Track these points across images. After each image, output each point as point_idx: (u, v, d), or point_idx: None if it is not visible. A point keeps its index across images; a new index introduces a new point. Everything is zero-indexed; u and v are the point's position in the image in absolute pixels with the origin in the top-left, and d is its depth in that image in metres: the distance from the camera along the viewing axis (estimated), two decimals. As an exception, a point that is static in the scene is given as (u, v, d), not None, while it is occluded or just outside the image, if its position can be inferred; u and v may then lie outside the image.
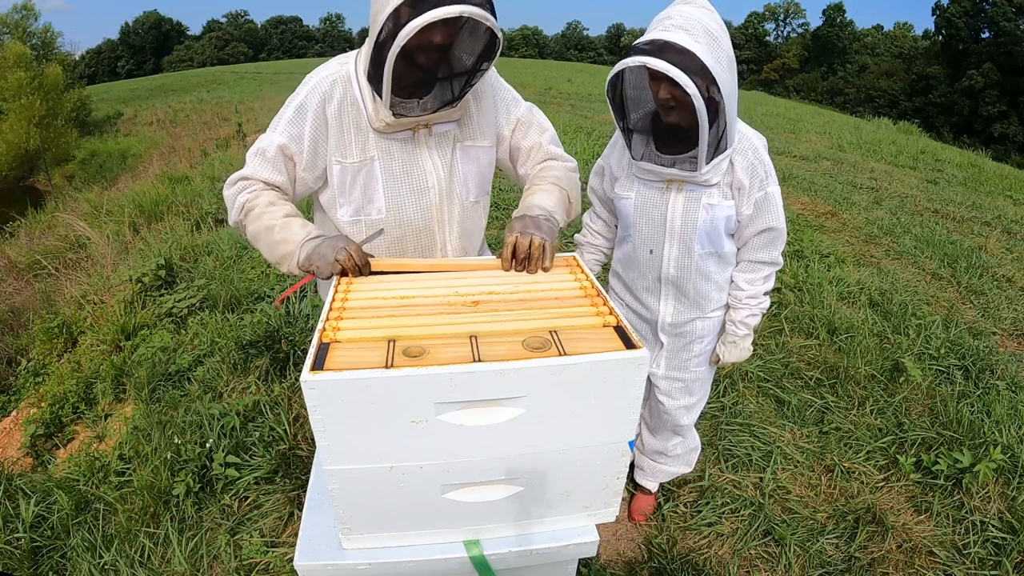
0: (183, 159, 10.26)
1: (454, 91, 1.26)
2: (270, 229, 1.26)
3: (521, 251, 1.22)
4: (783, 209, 1.51)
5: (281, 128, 1.31)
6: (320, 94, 1.28)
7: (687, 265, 1.56)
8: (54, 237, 6.53)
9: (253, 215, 1.29)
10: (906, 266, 4.36)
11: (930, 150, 10.81)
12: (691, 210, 1.48)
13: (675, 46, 1.22)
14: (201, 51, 72.48)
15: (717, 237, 1.50)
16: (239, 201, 1.31)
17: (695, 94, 1.21)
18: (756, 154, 1.44)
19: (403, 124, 1.27)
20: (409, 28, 1.06)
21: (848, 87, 46.37)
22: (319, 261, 1.20)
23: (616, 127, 1.48)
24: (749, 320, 1.62)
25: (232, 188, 1.33)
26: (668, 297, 1.64)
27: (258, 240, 1.29)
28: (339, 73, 1.29)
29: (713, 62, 1.22)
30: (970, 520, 2.05)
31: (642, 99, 1.43)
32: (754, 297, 1.60)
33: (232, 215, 1.34)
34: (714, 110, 1.28)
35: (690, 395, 1.79)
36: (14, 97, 16.85)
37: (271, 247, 1.27)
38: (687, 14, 1.26)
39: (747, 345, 1.66)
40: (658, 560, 1.91)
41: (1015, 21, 33.52)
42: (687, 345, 1.69)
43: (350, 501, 0.99)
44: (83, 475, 2.29)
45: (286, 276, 3.76)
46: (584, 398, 0.95)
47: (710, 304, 1.62)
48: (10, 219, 8.18)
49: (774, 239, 1.53)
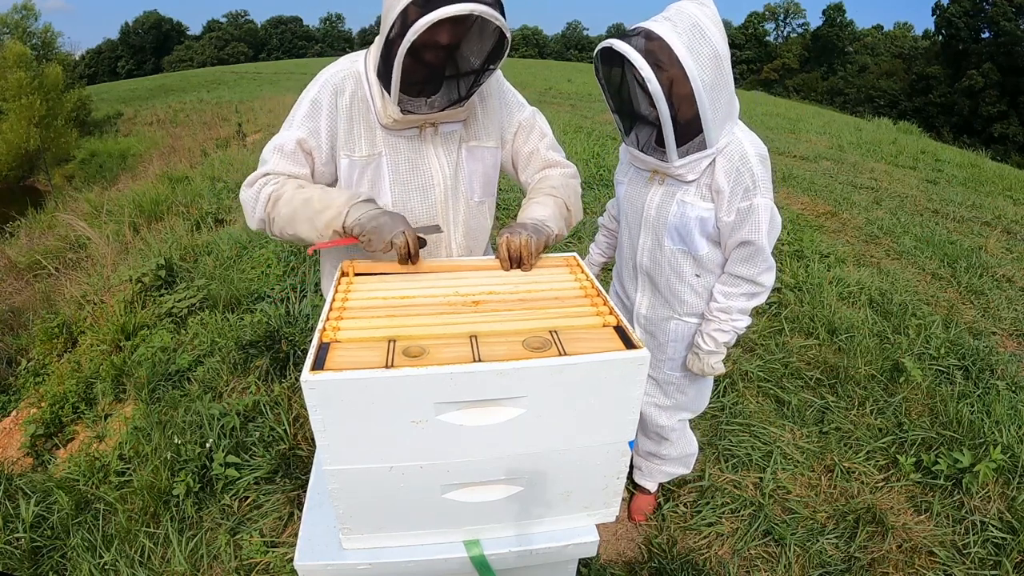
0: (183, 159, 10.26)
1: (461, 91, 1.26)
2: (308, 201, 1.21)
3: (511, 250, 1.24)
4: (774, 228, 1.45)
5: (297, 123, 1.29)
6: (332, 87, 1.29)
7: (658, 258, 1.57)
8: (54, 237, 6.53)
9: (283, 200, 1.24)
10: (906, 266, 4.36)
11: (930, 150, 10.81)
12: (665, 203, 1.49)
13: (648, 32, 1.25)
14: (201, 51, 72.49)
15: (688, 235, 1.49)
16: (264, 194, 1.26)
17: (650, 77, 1.23)
18: (744, 161, 1.39)
19: (410, 121, 1.28)
20: (418, 25, 1.07)
21: (848, 87, 46.36)
22: (374, 234, 1.16)
23: None
24: (716, 335, 1.55)
25: (252, 187, 1.28)
26: (644, 288, 1.66)
27: (295, 220, 1.22)
28: (350, 69, 1.31)
29: (687, 53, 1.23)
30: (970, 520, 2.05)
31: (614, 80, 1.43)
32: (726, 312, 1.53)
33: (257, 211, 1.27)
34: (685, 102, 1.28)
35: (664, 396, 1.78)
36: (14, 97, 16.86)
37: (312, 218, 1.20)
38: (682, 8, 1.28)
39: (712, 362, 1.59)
40: (658, 560, 1.91)
41: (1015, 21, 33.50)
42: (661, 345, 1.70)
43: (350, 501, 0.99)
44: (83, 475, 2.29)
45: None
46: (584, 398, 0.95)
47: (684, 306, 1.60)
48: (10, 219, 8.18)
49: (752, 255, 1.45)
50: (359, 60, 1.32)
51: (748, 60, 57.66)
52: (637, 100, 1.39)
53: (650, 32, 1.26)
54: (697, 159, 1.38)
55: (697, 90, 1.26)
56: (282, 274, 3.69)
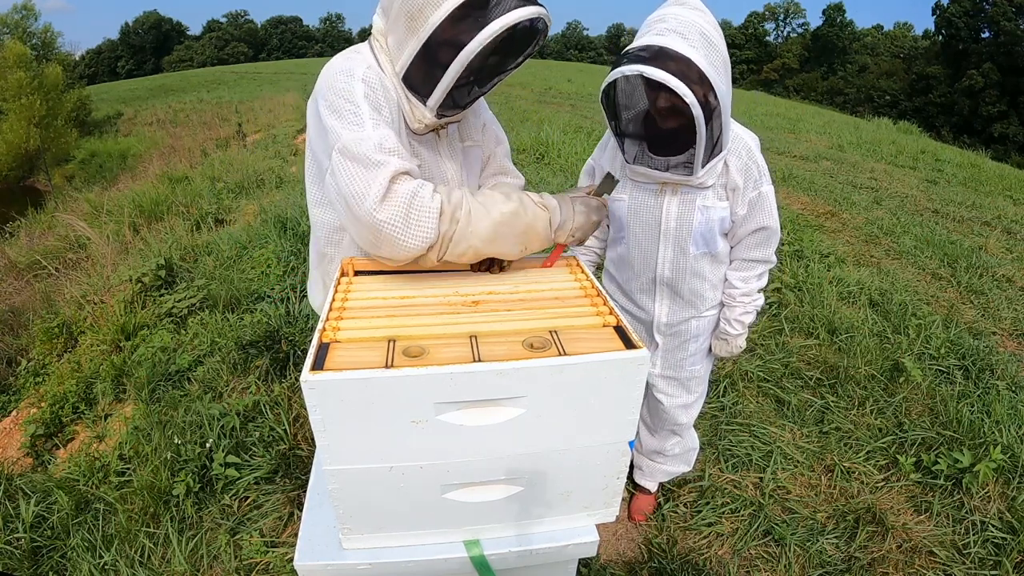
0: (183, 159, 10.26)
1: (483, 88, 1.18)
2: (516, 215, 1.09)
3: None
4: (777, 207, 1.53)
5: (369, 119, 1.07)
6: (375, 87, 1.12)
7: (682, 266, 1.57)
8: (54, 237, 6.53)
9: (475, 214, 1.06)
10: (906, 266, 4.36)
11: (930, 150, 10.81)
12: (686, 212, 1.49)
13: (671, 52, 1.19)
14: (201, 51, 72.51)
15: (712, 238, 1.52)
16: (433, 206, 1.02)
17: (693, 103, 1.19)
18: (750, 154, 1.44)
19: (436, 124, 1.20)
20: (490, 31, 0.99)
21: (848, 87, 46.38)
22: (579, 232, 1.18)
23: (608, 129, 1.49)
24: (743, 318, 1.63)
25: (392, 202, 1.00)
26: (663, 298, 1.65)
27: (498, 237, 1.08)
28: (370, 64, 1.14)
29: (709, 67, 1.20)
30: (970, 520, 2.05)
31: (637, 104, 1.42)
32: (748, 295, 1.61)
33: (426, 230, 1.02)
34: (710, 115, 1.26)
35: (688, 393, 1.80)
36: (14, 97, 16.87)
37: (522, 235, 1.11)
38: (681, 16, 1.23)
39: (740, 343, 1.68)
40: (658, 560, 1.91)
41: (1015, 21, 33.50)
42: (682, 344, 1.71)
43: (350, 501, 0.99)
44: (83, 475, 2.29)
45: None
46: (584, 398, 0.95)
47: (705, 303, 1.64)
48: (10, 219, 8.18)
49: (768, 237, 1.54)
50: (370, 59, 1.16)
51: (748, 60, 57.56)
52: (660, 121, 1.35)
53: (670, 52, 1.19)
54: (714, 164, 1.40)
55: (723, 102, 1.25)
56: (282, 274, 3.69)
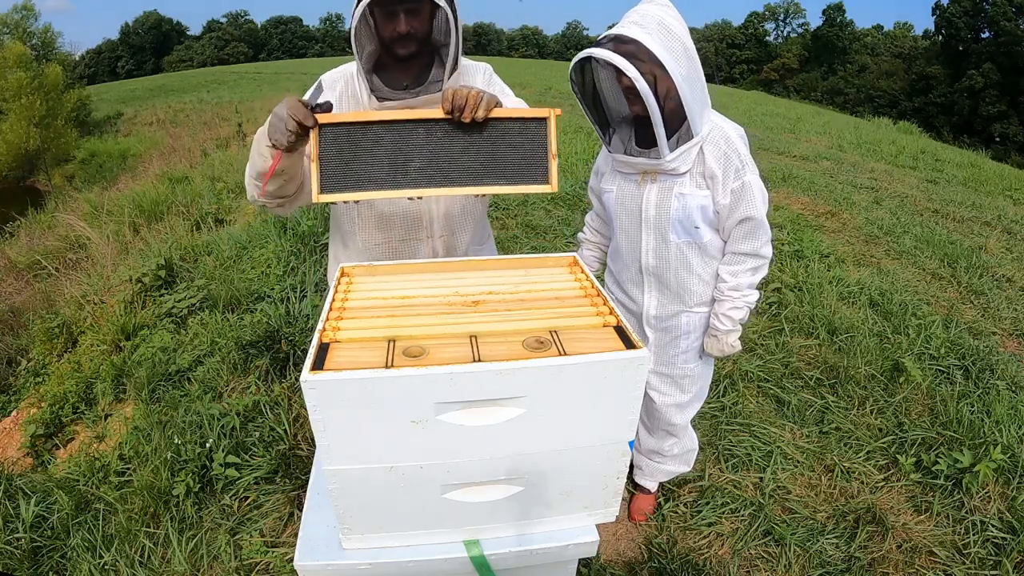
0: (183, 159, 10.25)
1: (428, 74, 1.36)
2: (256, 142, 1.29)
3: (458, 98, 1.17)
4: (766, 199, 1.53)
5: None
6: (330, 81, 1.43)
7: (665, 255, 1.60)
8: (54, 237, 6.54)
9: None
10: (906, 266, 4.36)
11: (930, 150, 10.81)
12: (664, 200, 1.53)
13: (623, 37, 1.32)
14: (201, 51, 72.44)
15: (691, 226, 1.54)
16: None
17: (637, 77, 1.28)
18: (729, 143, 1.47)
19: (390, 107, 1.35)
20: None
21: (848, 87, 46.34)
22: (275, 134, 1.21)
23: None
24: (732, 313, 1.61)
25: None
26: (651, 289, 1.67)
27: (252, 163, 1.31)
28: (344, 71, 1.44)
29: (663, 51, 1.30)
30: (970, 520, 2.05)
31: (602, 90, 1.50)
32: (736, 289, 1.60)
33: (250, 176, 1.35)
34: (669, 96, 1.34)
35: (681, 392, 1.79)
36: (14, 97, 16.84)
37: (256, 158, 1.29)
38: (643, 11, 1.35)
39: (731, 340, 1.64)
40: (658, 560, 1.91)
41: (1015, 21, 33.51)
42: (673, 340, 1.71)
43: (350, 501, 0.99)
44: (83, 475, 2.29)
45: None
46: (584, 398, 0.95)
47: (693, 297, 1.64)
48: (10, 219, 8.18)
49: (754, 229, 1.53)
50: (353, 64, 1.42)
51: (748, 60, 57.53)
52: (621, 103, 1.46)
53: (623, 36, 1.32)
54: (686, 149, 1.44)
55: (677, 82, 1.33)
56: (282, 274, 3.69)
